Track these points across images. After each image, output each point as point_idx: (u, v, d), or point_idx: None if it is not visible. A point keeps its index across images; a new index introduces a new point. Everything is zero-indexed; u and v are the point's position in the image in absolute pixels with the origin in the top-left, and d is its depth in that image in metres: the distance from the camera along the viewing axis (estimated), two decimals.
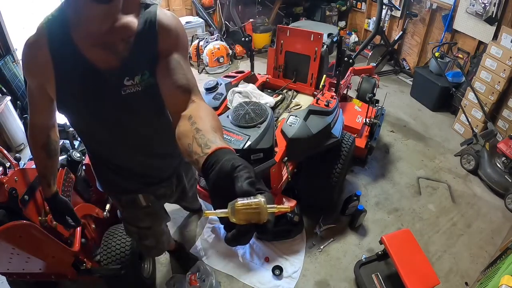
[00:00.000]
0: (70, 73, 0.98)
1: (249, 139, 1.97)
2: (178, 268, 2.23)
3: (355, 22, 5.54)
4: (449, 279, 2.21)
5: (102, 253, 1.80)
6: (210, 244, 2.39)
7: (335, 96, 2.44)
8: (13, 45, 3.43)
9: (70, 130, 2.16)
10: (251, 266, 2.25)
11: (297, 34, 2.59)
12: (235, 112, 2.08)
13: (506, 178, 2.73)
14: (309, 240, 2.41)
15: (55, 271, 1.67)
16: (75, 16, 0.94)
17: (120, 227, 1.91)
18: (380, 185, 2.90)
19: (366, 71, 3.45)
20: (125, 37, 0.98)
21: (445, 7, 3.93)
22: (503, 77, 3.00)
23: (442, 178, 3.01)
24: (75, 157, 1.85)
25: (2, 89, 3.29)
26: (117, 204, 1.48)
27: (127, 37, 0.98)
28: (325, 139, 2.19)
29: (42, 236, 1.40)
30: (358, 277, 2.10)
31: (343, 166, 2.30)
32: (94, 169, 1.35)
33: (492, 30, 3.39)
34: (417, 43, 4.49)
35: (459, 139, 3.38)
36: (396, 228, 2.53)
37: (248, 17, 4.95)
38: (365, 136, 2.88)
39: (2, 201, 1.34)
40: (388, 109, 3.76)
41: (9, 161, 1.45)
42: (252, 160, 2.03)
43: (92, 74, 0.99)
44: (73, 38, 0.95)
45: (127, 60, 0.99)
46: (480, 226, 2.58)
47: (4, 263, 1.47)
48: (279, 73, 2.78)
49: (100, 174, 1.36)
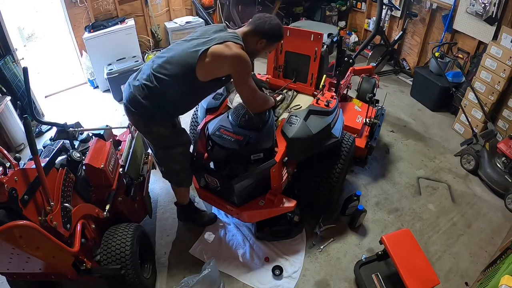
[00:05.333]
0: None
1: (249, 139, 1.98)
2: (178, 269, 2.23)
3: (355, 22, 5.54)
4: (449, 279, 2.22)
5: (102, 253, 1.80)
6: (210, 244, 2.39)
7: (335, 96, 2.44)
8: (13, 45, 3.42)
9: (70, 130, 2.16)
10: (251, 266, 2.25)
11: (297, 34, 2.59)
12: (235, 112, 2.08)
13: (506, 178, 2.73)
14: (309, 240, 2.41)
15: (55, 271, 1.67)
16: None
17: (120, 227, 1.91)
18: (380, 185, 2.90)
19: (366, 71, 3.45)
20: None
21: (445, 7, 3.93)
22: (503, 77, 3.00)
23: (442, 178, 3.01)
24: (75, 157, 1.85)
25: (2, 89, 3.29)
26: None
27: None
28: (325, 139, 2.19)
29: (42, 236, 1.40)
30: (358, 277, 2.10)
31: (343, 166, 2.30)
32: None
33: (492, 30, 3.39)
34: (417, 43, 4.48)
35: (459, 139, 3.39)
36: (396, 228, 2.53)
37: (248, 17, 4.89)
38: (365, 136, 2.88)
39: (2, 201, 1.34)
40: (388, 109, 3.76)
41: (9, 161, 1.45)
42: (252, 160, 2.04)
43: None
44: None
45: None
46: (480, 226, 2.58)
47: (4, 263, 1.48)
48: (279, 73, 2.78)
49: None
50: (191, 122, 2.84)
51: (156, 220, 2.57)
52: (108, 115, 3.86)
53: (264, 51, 1.98)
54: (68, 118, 2.37)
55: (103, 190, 1.97)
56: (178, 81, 1.76)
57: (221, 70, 1.78)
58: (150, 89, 1.77)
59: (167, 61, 1.77)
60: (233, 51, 1.71)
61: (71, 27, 4.05)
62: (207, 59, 1.71)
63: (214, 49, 1.71)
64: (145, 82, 1.78)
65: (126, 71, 3.91)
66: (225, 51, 1.71)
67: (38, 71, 4.07)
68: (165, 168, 2.13)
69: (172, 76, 1.75)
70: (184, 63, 1.73)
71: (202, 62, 1.70)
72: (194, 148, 2.28)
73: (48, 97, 4.22)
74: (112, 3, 4.24)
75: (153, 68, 1.78)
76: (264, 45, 1.90)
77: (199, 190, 2.31)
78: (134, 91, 1.80)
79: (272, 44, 1.96)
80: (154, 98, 1.78)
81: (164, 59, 1.79)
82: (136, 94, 1.79)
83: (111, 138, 2.32)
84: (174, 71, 1.75)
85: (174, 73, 1.75)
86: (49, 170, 1.60)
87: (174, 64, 1.75)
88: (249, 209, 2.16)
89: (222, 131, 2.03)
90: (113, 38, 4.08)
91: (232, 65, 1.75)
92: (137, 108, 1.81)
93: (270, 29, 1.86)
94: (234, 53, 1.71)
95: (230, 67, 1.76)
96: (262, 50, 1.94)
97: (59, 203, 1.60)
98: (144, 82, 1.78)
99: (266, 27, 1.84)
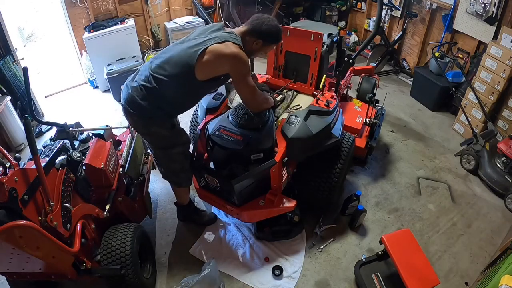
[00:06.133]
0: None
1: (250, 139, 1.97)
2: (178, 269, 2.23)
3: (355, 22, 5.54)
4: (449, 279, 2.22)
5: (102, 253, 1.80)
6: (210, 244, 2.39)
7: (335, 96, 2.44)
8: (13, 45, 3.42)
9: (70, 130, 2.16)
10: (251, 266, 2.25)
11: (297, 34, 2.59)
12: (235, 112, 2.08)
13: (506, 178, 2.73)
14: (309, 240, 2.41)
15: (55, 271, 1.67)
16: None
17: (120, 227, 1.91)
18: (380, 185, 2.90)
19: (366, 71, 3.45)
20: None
21: (445, 7, 3.93)
22: (503, 77, 3.00)
23: (442, 178, 3.01)
24: (75, 157, 1.85)
25: (2, 89, 3.29)
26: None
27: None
28: (325, 139, 2.20)
29: (42, 236, 1.40)
30: (358, 277, 2.10)
31: (343, 166, 2.30)
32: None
33: (492, 30, 3.39)
34: (417, 43, 4.48)
35: (459, 139, 3.39)
36: (396, 228, 2.53)
37: (248, 17, 4.90)
38: (365, 136, 2.88)
39: (2, 201, 1.34)
40: (388, 109, 3.76)
41: (9, 161, 1.45)
42: (252, 160, 2.03)
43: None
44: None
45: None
46: (480, 226, 2.58)
47: (4, 263, 1.48)
48: (279, 73, 2.78)
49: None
50: (191, 122, 2.84)
51: (156, 220, 2.57)
52: (108, 115, 3.86)
53: (260, 52, 1.98)
54: (68, 118, 2.37)
55: (103, 190, 1.97)
56: (177, 81, 1.76)
57: (220, 69, 1.78)
58: (149, 90, 1.77)
59: (165, 62, 1.77)
60: (231, 50, 1.71)
61: (71, 27, 4.05)
62: (206, 58, 1.71)
63: (213, 48, 1.71)
64: (143, 83, 1.78)
65: (126, 71, 3.91)
66: (224, 50, 1.71)
67: (38, 71, 4.07)
68: (164, 169, 2.13)
69: (171, 77, 1.75)
70: (183, 63, 1.73)
71: (201, 61, 1.71)
72: (194, 148, 2.28)
73: (48, 97, 4.22)
74: (112, 3, 4.25)
75: (152, 69, 1.78)
76: (261, 45, 1.91)
77: (199, 190, 2.31)
78: (132, 92, 1.80)
79: (269, 45, 1.96)
80: (152, 99, 1.78)
81: (162, 60, 1.79)
82: (134, 95, 1.79)
83: (111, 138, 2.33)
84: (173, 72, 1.75)
85: (173, 73, 1.75)
86: (49, 170, 1.61)
87: (172, 64, 1.75)
88: (249, 209, 2.16)
89: (222, 131, 2.03)
90: (113, 38, 4.08)
91: (230, 64, 1.75)
92: (136, 109, 1.81)
93: (266, 30, 1.86)
94: (232, 52, 1.71)
95: (228, 66, 1.76)
96: (258, 51, 1.95)
97: (59, 203, 1.60)
98: (142, 83, 1.78)
99: (263, 27, 1.85)
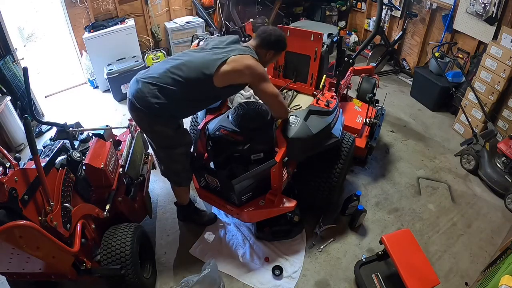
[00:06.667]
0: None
1: (250, 139, 1.98)
2: (178, 269, 2.24)
3: (355, 22, 5.54)
4: (449, 279, 2.22)
5: (102, 253, 1.80)
6: (210, 244, 2.39)
7: (335, 96, 2.43)
8: (13, 45, 3.42)
9: (70, 130, 2.16)
10: (251, 266, 2.25)
11: (297, 34, 2.59)
12: (236, 112, 2.08)
13: (506, 178, 2.73)
14: (309, 240, 2.41)
15: (55, 271, 1.67)
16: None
17: (120, 227, 1.91)
18: (380, 185, 2.90)
19: (366, 71, 3.45)
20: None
21: (445, 7, 3.93)
22: (503, 77, 3.00)
23: (442, 178, 3.01)
24: (75, 157, 1.85)
25: (2, 89, 3.29)
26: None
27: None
28: (325, 139, 2.19)
29: (42, 236, 1.40)
30: (358, 277, 2.10)
31: (343, 166, 2.30)
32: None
33: (492, 30, 3.39)
34: (417, 43, 4.48)
35: (459, 139, 3.39)
36: (396, 228, 2.53)
37: (248, 17, 4.94)
38: (365, 136, 2.88)
39: (2, 201, 1.34)
40: (388, 109, 3.76)
41: (9, 161, 1.45)
42: (252, 160, 2.04)
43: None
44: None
45: None
46: (480, 226, 2.58)
47: (4, 263, 1.47)
48: (279, 73, 2.78)
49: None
50: (191, 122, 2.84)
51: (156, 220, 2.57)
52: (108, 115, 3.86)
53: (272, 61, 2.19)
54: (68, 118, 2.37)
55: (103, 190, 1.97)
56: (192, 84, 1.81)
57: (240, 78, 1.89)
58: (161, 88, 1.78)
59: (183, 64, 1.82)
60: (251, 62, 1.86)
61: (71, 27, 4.05)
62: (227, 68, 1.82)
63: (234, 59, 1.83)
64: (156, 81, 1.79)
65: (126, 71, 3.92)
66: (245, 61, 1.85)
67: (38, 71, 4.07)
68: (165, 167, 2.14)
69: (187, 79, 1.79)
70: (203, 68, 1.80)
71: (221, 70, 1.81)
72: (194, 148, 2.28)
73: (48, 97, 4.22)
74: (112, 3, 4.24)
75: (168, 69, 1.81)
76: (272, 55, 2.08)
77: (199, 190, 2.31)
78: (142, 88, 1.80)
79: (279, 53, 2.13)
80: (163, 98, 1.78)
81: (180, 62, 1.83)
82: (145, 91, 1.78)
83: (111, 138, 2.32)
84: (190, 75, 1.80)
85: (189, 77, 1.80)
86: (49, 170, 1.60)
87: (192, 68, 1.81)
88: (249, 209, 2.16)
89: (222, 131, 2.03)
90: (113, 38, 4.08)
91: (251, 74, 1.87)
92: (143, 106, 1.80)
93: (276, 41, 2.01)
94: (252, 64, 1.86)
95: (249, 77, 1.88)
96: (270, 60, 2.13)
97: (59, 203, 1.60)
98: (155, 81, 1.80)
99: (272, 39, 2.00)
